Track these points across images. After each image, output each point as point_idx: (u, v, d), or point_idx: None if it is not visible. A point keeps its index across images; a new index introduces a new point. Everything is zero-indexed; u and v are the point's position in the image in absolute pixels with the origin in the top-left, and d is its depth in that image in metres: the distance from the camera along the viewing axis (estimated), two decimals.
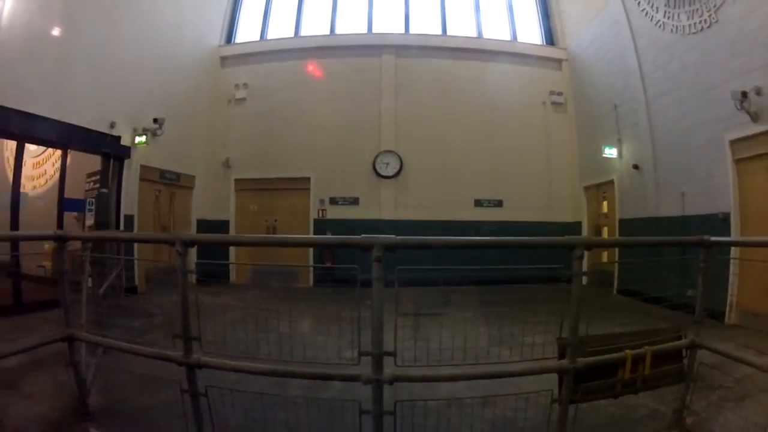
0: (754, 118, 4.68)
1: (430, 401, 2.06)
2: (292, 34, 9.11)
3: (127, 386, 2.53)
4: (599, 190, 7.84)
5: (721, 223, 5.11)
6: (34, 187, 7.07)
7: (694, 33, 5.64)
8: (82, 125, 5.92)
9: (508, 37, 9.31)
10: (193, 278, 2.29)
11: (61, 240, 2.28)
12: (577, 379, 1.77)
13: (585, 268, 1.90)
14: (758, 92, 4.63)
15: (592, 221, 8.12)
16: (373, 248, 1.70)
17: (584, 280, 1.96)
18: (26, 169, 6.35)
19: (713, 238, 2.16)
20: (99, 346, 2.61)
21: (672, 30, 6.03)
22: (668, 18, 6.10)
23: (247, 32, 9.46)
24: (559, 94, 8.79)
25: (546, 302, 2.05)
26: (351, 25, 9.03)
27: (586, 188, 8.22)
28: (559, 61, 9.06)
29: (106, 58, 6.21)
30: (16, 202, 5.39)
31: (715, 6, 5.23)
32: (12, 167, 5.62)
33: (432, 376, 1.84)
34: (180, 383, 1.92)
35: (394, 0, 9.23)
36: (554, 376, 1.84)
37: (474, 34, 9.13)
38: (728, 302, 4.97)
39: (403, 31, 8.87)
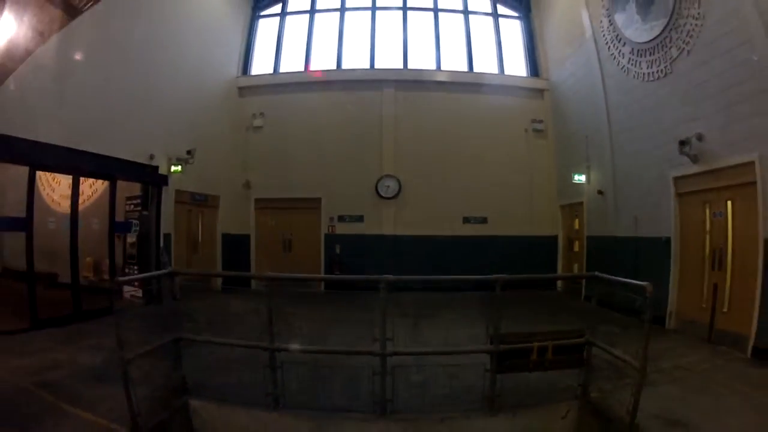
0: (694, 160, 5.68)
1: (412, 367, 3.28)
2: (302, 68, 10.26)
3: (211, 368, 3.64)
4: (572, 209, 8.96)
5: (664, 245, 6.20)
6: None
7: (651, 80, 6.68)
8: (127, 159, 7.05)
9: (496, 69, 10.45)
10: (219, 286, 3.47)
11: (174, 275, 3.37)
12: (500, 358, 2.88)
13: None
14: (700, 138, 5.61)
15: (566, 235, 9.25)
16: (381, 283, 2.81)
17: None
18: (62, 188, 7.38)
19: (599, 274, 3.27)
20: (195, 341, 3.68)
21: (634, 76, 7.09)
22: (632, 65, 7.15)
23: (261, 65, 10.62)
24: (540, 121, 9.91)
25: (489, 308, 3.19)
26: (355, 60, 10.17)
27: (562, 207, 9.35)
28: (541, 90, 10.20)
29: (143, 97, 7.32)
30: (75, 226, 6.45)
31: (671, 58, 6.25)
32: (47, 191, 6.75)
33: (414, 352, 3.01)
34: (262, 361, 3.08)
35: (394, 37, 10.40)
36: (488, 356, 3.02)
37: (465, 68, 10.27)
38: (668, 311, 6.06)
39: (401, 66, 10.00)
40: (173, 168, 7.75)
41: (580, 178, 8.20)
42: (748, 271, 4.74)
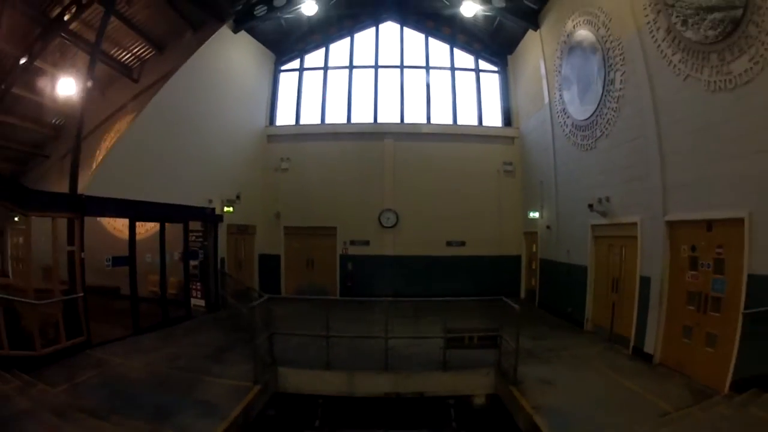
0: (603, 215, 8.10)
1: (402, 345, 5.77)
2: (318, 121, 12.81)
3: (286, 349, 6.14)
4: (531, 236, 11.46)
5: (583, 271, 8.65)
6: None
7: (583, 150, 9.00)
8: (193, 205, 9.53)
9: (476, 121, 12.98)
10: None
11: (269, 298, 5.88)
12: (448, 342, 5.42)
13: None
14: (608, 200, 7.98)
15: (527, 256, 11.78)
16: (385, 300, 5.34)
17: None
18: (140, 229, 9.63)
19: (506, 299, 5.77)
20: (275, 333, 6.13)
21: (572, 143, 9.42)
22: (571, 134, 9.41)
23: (285, 116, 13.16)
24: (510, 163, 12.42)
25: (449, 311, 5.69)
26: (361, 115, 12.71)
27: (525, 233, 11.87)
28: (512, 138, 12.68)
29: (201, 155, 9.80)
30: (164, 258, 8.76)
31: (595, 137, 8.55)
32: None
33: (402, 336, 5.53)
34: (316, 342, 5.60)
35: (393, 94, 12.96)
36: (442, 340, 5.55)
37: (450, 122, 12.82)
38: (585, 317, 8.53)
39: (399, 121, 12.56)
40: (226, 209, 10.28)
41: (534, 215, 10.75)
42: (631, 295, 7.13)
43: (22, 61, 8.95)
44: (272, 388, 5.48)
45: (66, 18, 8.56)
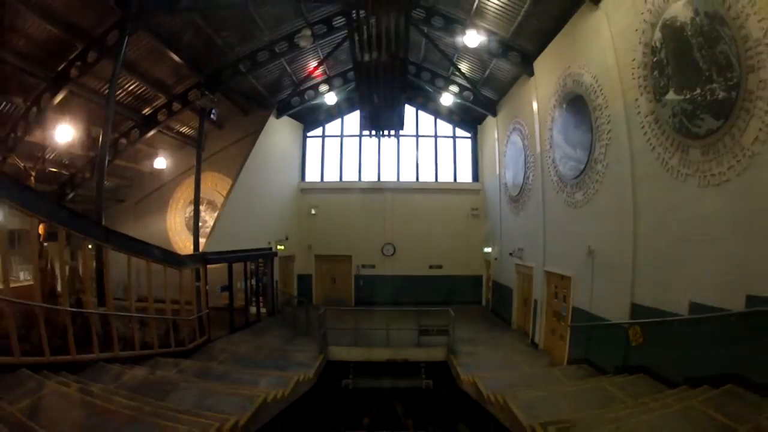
0: (519, 258, 12.85)
1: (395, 334, 10.64)
2: (337, 179, 17.73)
3: (332, 337, 10.99)
4: (488, 263, 16.36)
5: (511, 291, 13.49)
6: None
7: (513, 215, 13.75)
8: (258, 247, 14.36)
9: (452, 178, 17.91)
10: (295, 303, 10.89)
11: (309, 302, 10.71)
12: (420, 332, 10.24)
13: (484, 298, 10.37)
14: (521, 250, 12.77)
15: (486, 276, 16.65)
16: (385, 308, 10.21)
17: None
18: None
19: (450, 310, 10.62)
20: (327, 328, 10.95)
21: (508, 209, 14.26)
22: (508, 203, 14.29)
23: (312, 173, 18.06)
24: (476, 209, 17.31)
25: (428, 314, 10.54)
26: (368, 174, 17.64)
27: (485, 260, 16.75)
28: (478, 190, 17.58)
29: (263, 209, 14.64)
30: (247, 283, 13.69)
31: (519, 209, 13.39)
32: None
33: (396, 328, 10.39)
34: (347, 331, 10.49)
35: (391, 159, 17.87)
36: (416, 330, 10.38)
37: (433, 179, 17.74)
38: (512, 320, 13.36)
39: (395, 179, 17.48)
40: (279, 246, 15.16)
41: (488, 249, 15.63)
42: (531, 309, 11.87)
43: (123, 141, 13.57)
44: (327, 357, 10.26)
45: (160, 119, 13.27)
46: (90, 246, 7.87)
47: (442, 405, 10.74)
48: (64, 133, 10.77)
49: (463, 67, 14.21)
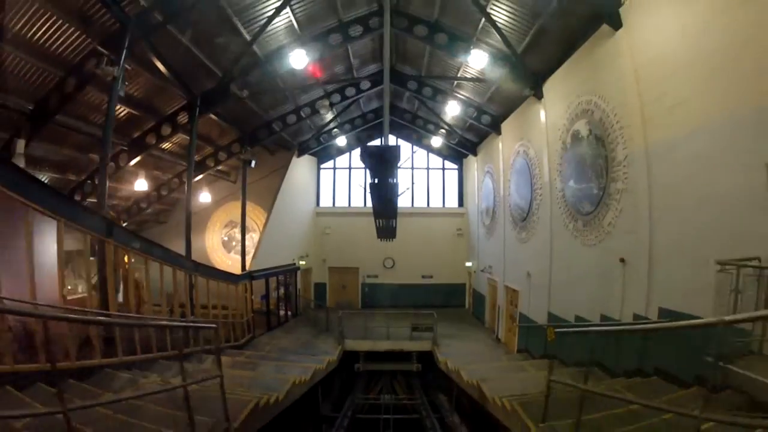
0: (489, 273, 16.76)
1: (394, 330, 14.46)
2: (346, 204, 21.48)
3: (347, 332, 14.78)
4: (471, 274, 20.13)
5: (484, 297, 17.28)
6: None
7: (486, 239, 17.68)
8: (286, 264, 18.10)
9: (441, 204, 21.69)
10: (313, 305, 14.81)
11: (326, 307, 14.47)
12: (412, 328, 14.01)
13: (467, 303, 14.19)
14: (490, 267, 16.77)
15: (468, 284, 20.42)
16: (386, 311, 13.97)
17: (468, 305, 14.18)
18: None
19: (434, 314, 14.39)
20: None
21: (483, 233, 18.16)
22: (484, 229, 18.23)
23: (325, 200, 21.82)
24: (460, 229, 21.08)
25: (419, 315, 14.32)
26: None
27: (467, 272, 20.51)
28: (462, 213, 21.37)
29: (288, 231, 18.41)
30: (277, 294, 17.51)
31: (489, 236, 17.34)
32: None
33: (395, 326, 14.20)
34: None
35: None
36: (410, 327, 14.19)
37: (425, 204, 21.52)
38: (485, 319, 17.13)
39: None
40: (301, 262, 18.91)
41: (468, 264, 19.40)
42: (498, 313, 15.76)
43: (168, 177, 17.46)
44: (344, 348, 13.98)
45: (209, 164, 17.07)
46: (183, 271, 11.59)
47: (428, 382, 14.51)
48: (139, 184, 14.52)
49: (449, 117, 17.94)
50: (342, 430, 11.80)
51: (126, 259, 9.10)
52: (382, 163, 6.60)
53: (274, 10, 9.98)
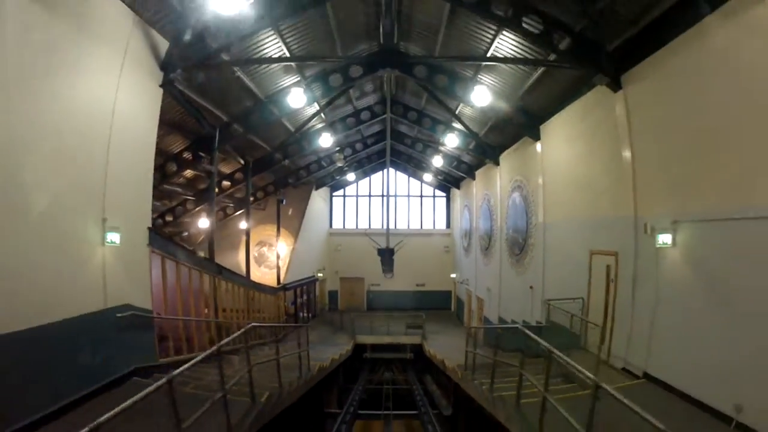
0: (467, 285, 21.70)
1: (393, 328, 19.47)
2: (354, 226, 26.39)
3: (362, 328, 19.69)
4: (455, 284, 25.02)
5: (464, 303, 22.19)
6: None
7: (465, 257, 22.67)
8: (308, 276, 22.97)
9: (432, 226, 26.61)
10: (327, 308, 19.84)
11: (340, 310, 19.37)
12: (407, 326, 18.92)
13: (453, 306, 19.06)
14: (467, 281, 21.65)
15: (453, 292, 25.32)
16: (386, 313, 18.91)
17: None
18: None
19: (423, 315, 19.33)
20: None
21: (463, 254, 23.08)
22: (463, 249, 23.15)
23: (337, 222, 26.72)
24: (447, 246, 25.98)
25: (414, 316, 19.26)
26: (375, 223, 26.29)
27: (453, 282, 25.41)
28: (449, 234, 26.27)
29: (310, 249, 23.32)
30: (295, 301, 22.42)
31: (467, 256, 22.24)
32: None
33: (394, 324, 19.19)
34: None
35: (391, 214, 26.48)
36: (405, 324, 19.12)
37: (419, 227, 26.44)
38: (464, 320, 22.03)
39: (393, 227, 26.12)
40: (319, 275, 23.82)
41: (453, 275, 24.31)
42: (471, 315, 20.68)
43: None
44: (355, 341, 18.85)
45: (253, 202, 21.98)
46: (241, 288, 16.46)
47: (417, 366, 19.41)
48: (202, 222, 19.42)
49: (436, 162, 22.79)
50: (355, 401, 16.69)
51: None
52: (388, 252, 11.62)
53: (312, 114, 14.83)
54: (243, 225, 23.36)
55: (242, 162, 16.84)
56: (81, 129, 6.32)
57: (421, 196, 27.03)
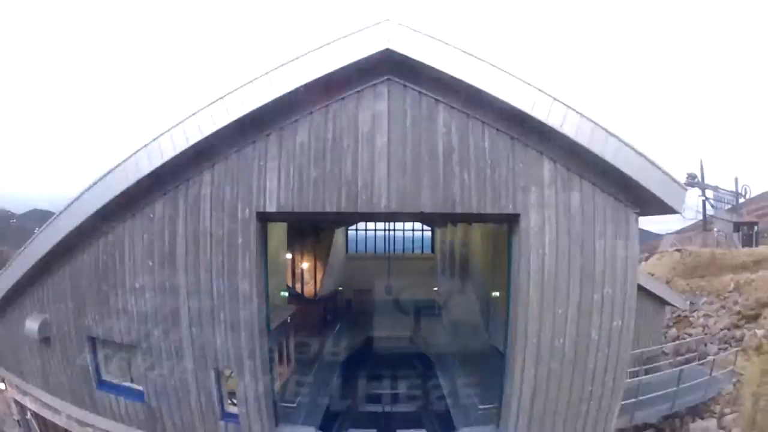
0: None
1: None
2: (363, 250, 35.98)
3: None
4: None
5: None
6: None
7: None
8: (334, 289, 32.27)
9: (420, 251, 36.26)
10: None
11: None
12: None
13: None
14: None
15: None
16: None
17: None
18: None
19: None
20: None
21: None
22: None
23: (352, 249, 36.24)
24: (432, 267, 35.62)
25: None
26: (379, 248, 35.87)
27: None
28: (434, 257, 35.89)
29: (335, 269, 32.67)
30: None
31: None
32: None
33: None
34: None
35: (391, 242, 36.11)
36: None
37: (411, 251, 36.11)
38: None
39: (393, 251, 35.75)
40: (340, 288, 33.23)
41: (435, 289, 33.92)
42: None
43: None
44: None
45: None
46: None
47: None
48: None
49: None
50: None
51: None
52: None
53: None
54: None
55: None
56: None
57: (413, 230, 36.72)
